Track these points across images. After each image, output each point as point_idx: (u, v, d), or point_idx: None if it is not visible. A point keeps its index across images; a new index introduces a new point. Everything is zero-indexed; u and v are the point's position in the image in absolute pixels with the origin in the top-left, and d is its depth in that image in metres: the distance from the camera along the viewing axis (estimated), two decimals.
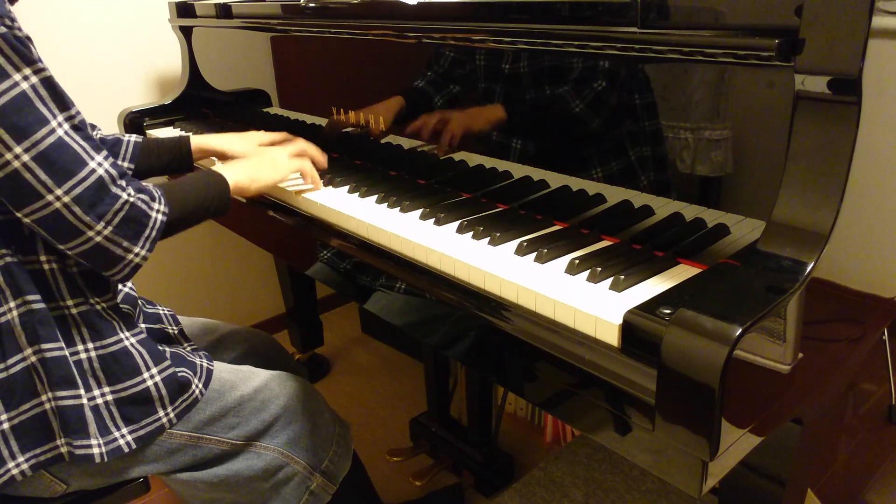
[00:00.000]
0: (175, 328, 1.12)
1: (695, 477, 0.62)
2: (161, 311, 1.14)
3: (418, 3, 1.05)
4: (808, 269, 0.62)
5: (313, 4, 1.25)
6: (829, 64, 0.62)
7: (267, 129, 1.54)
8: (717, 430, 0.58)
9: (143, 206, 0.85)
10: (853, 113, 0.62)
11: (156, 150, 1.21)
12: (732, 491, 0.92)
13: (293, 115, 1.45)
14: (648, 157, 0.85)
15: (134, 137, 1.19)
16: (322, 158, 1.18)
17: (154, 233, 0.87)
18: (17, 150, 0.76)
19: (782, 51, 0.65)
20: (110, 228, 0.82)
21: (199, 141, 1.26)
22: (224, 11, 1.53)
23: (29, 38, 0.78)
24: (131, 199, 0.83)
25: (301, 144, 1.18)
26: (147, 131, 1.70)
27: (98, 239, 0.82)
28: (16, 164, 0.76)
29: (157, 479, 1.01)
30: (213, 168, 1.03)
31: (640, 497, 1.46)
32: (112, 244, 0.83)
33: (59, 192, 0.78)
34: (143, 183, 0.88)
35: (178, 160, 1.24)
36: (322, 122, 1.36)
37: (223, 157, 1.28)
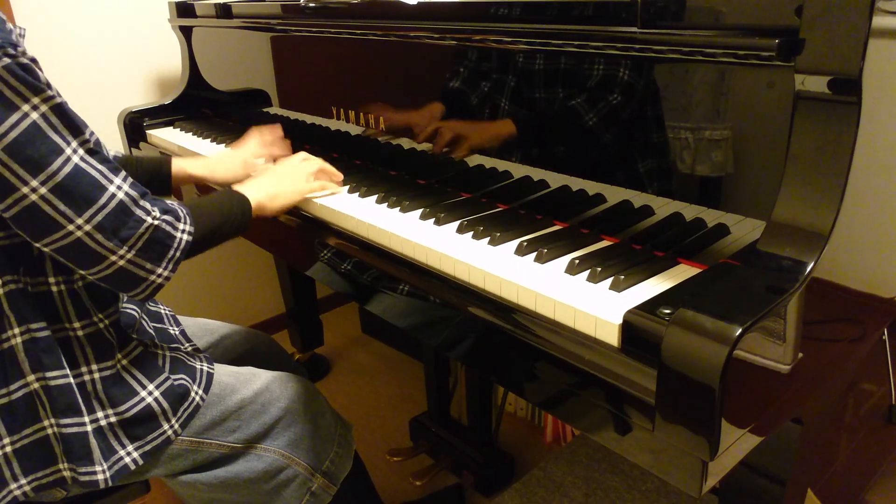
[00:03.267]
0: (176, 328, 1.12)
1: (695, 477, 0.62)
2: (162, 311, 1.14)
3: (418, 2, 1.05)
4: (809, 268, 0.62)
5: (313, 4, 1.25)
6: (829, 64, 0.62)
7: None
8: (717, 430, 0.58)
9: (168, 228, 0.83)
10: (853, 113, 0.62)
11: (133, 169, 1.17)
12: (732, 491, 0.92)
13: (293, 115, 1.45)
14: (650, 158, 0.85)
15: (113, 152, 1.16)
16: (338, 176, 1.15)
17: (178, 254, 0.85)
18: (34, 183, 0.74)
19: (782, 51, 0.65)
20: (133, 252, 0.80)
21: (181, 165, 1.20)
22: (224, 11, 1.53)
23: (34, 61, 0.76)
24: (156, 222, 0.82)
25: (319, 163, 1.13)
26: (147, 131, 1.70)
27: (121, 263, 0.80)
28: (33, 196, 0.74)
29: (157, 479, 1.01)
30: (235, 187, 1.01)
31: (640, 497, 1.46)
32: (135, 267, 0.81)
33: (79, 221, 0.76)
34: (169, 202, 0.86)
35: (156, 182, 1.19)
36: (322, 122, 1.36)
37: (204, 183, 1.23)
